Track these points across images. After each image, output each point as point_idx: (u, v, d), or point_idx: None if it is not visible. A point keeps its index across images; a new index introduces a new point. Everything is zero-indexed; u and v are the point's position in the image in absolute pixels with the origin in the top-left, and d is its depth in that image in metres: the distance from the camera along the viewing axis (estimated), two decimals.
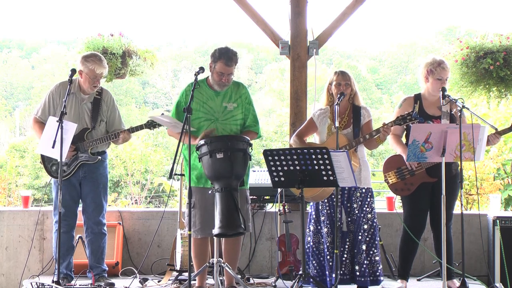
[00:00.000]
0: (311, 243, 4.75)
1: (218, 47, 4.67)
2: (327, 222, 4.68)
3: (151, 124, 4.98)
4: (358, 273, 4.59)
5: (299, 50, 5.98)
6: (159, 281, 5.24)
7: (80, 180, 5.13)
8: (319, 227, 4.75)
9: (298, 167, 4.10)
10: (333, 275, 4.55)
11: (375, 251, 4.66)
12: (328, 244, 4.65)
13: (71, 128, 4.64)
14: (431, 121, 4.76)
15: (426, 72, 4.81)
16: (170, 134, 4.79)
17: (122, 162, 17.16)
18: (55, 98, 5.06)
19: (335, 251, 4.38)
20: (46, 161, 5.13)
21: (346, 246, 4.61)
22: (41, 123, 5.04)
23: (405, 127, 4.81)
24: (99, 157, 5.11)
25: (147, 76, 6.50)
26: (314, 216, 4.78)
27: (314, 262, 4.74)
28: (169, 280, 5.21)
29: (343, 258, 4.59)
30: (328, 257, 4.64)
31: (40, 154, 5.10)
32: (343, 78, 4.74)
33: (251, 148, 4.50)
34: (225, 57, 4.55)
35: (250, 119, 4.73)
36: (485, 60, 5.67)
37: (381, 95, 36.63)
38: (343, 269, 4.58)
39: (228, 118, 4.66)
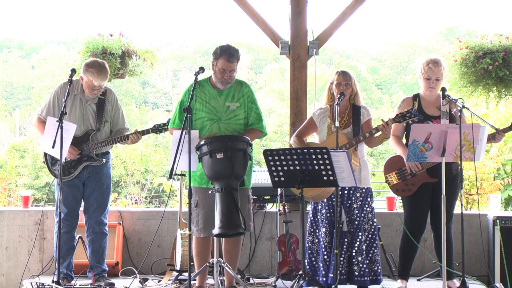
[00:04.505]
0: (306, 242, 4.74)
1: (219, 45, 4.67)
2: (326, 222, 4.68)
3: (157, 129, 5.05)
4: (357, 273, 4.59)
5: (299, 50, 5.98)
6: (159, 281, 5.24)
7: (84, 181, 5.14)
8: (315, 227, 4.76)
9: (298, 167, 4.10)
10: (330, 275, 4.56)
11: (375, 251, 4.67)
12: (325, 244, 4.65)
13: (71, 128, 4.65)
14: (430, 121, 4.77)
15: (419, 71, 4.85)
16: (172, 133, 4.79)
17: (122, 162, 17.16)
18: (60, 98, 5.04)
19: (335, 251, 4.38)
20: (49, 161, 5.14)
21: (344, 246, 4.61)
22: (45, 123, 5.03)
23: (404, 125, 4.81)
24: (104, 159, 5.13)
25: (147, 76, 6.50)
26: (311, 216, 4.78)
27: (306, 261, 4.73)
28: (169, 280, 5.22)
29: (341, 258, 4.59)
30: (325, 256, 4.64)
31: (44, 154, 5.16)
32: (343, 78, 4.75)
33: (251, 148, 4.50)
34: (227, 53, 4.55)
35: (252, 117, 4.71)
36: (484, 60, 5.67)
37: (381, 95, 36.61)
38: (340, 269, 4.58)
39: (231, 117, 4.65)
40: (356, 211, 4.66)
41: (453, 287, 4.82)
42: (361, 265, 4.59)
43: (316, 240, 4.73)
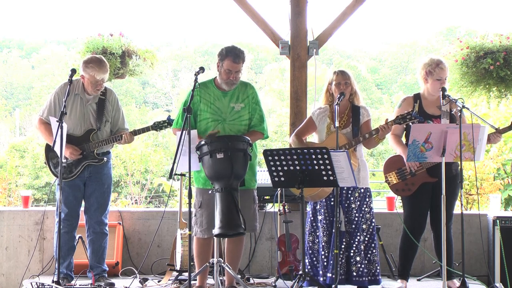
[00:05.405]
0: (306, 242, 4.74)
1: (224, 46, 4.66)
2: (324, 222, 4.68)
3: (157, 126, 5.03)
4: (355, 273, 4.59)
5: (299, 50, 5.98)
6: (159, 281, 5.24)
7: (85, 180, 5.14)
8: (315, 227, 4.75)
9: (298, 167, 4.10)
10: (328, 275, 4.56)
11: (374, 251, 4.67)
12: (323, 243, 4.65)
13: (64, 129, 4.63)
14: (431, 120, 4.77)
15: (425, 73, 4.81)
16: (175, 133, 4.79)
17: (122, 162, 17.18)
18: (61, 98, 5.03)
19: (335, 251, 4.38)
20: (50, 161, 5.15)
21: (342, 246, 4.61)
22: (47, 124, 5.04)
23: (405, 126, 4.81)
24: (105, 158, 5.13)
25: (147, 76, 6.50)
26: (311, 216, 4.78)
27: (307, 261, 4.73)
28: (169, 280, 5.22)
29: (339, 258, 4.58)
30: (323, 256, 4.64)
31: (45, 154, 5.17)
32: (342, 77, 4.75)
33: (252, 148, 4.50)
34: (232, 54, 4.56)
35: (255, 119, 4.71)
36: (485, 60, 5.67)
37: (381, 95, 36.60)
38: (338, 269, 4.57)
39: (235, 118, 4.66)
40: (355, 211, 4.66)
41: (453, 287, 4.82)
42: (359, 265, 4.59)
43: (317, 240, 4.73)
